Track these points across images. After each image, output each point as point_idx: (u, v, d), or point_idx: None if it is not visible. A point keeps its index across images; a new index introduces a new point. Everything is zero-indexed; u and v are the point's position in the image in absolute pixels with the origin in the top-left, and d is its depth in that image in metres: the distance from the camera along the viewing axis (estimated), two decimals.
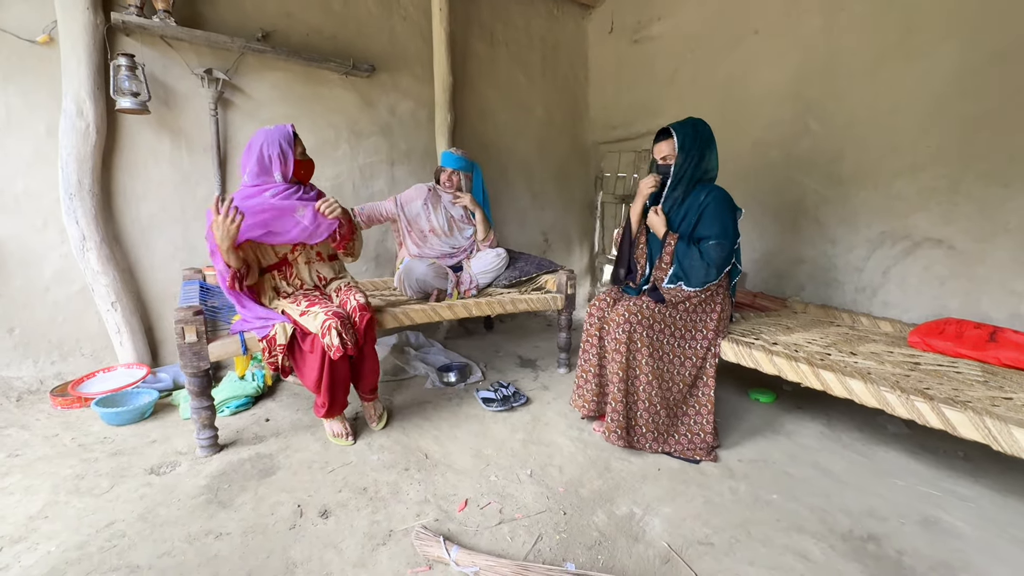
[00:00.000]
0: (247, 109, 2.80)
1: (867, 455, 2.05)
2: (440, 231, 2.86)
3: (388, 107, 3.30)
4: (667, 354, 2.04)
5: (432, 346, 3.21)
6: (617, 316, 2.01)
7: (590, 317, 2.17)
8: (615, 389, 2.00)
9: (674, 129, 2.07)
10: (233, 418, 2.25)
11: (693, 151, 2.05)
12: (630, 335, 1.98)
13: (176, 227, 2.68)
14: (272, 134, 1.98)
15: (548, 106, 4.16)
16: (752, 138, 3.19)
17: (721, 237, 2.02)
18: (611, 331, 2.02)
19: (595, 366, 2.13)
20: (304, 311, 1.96)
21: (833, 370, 1.81)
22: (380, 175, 3.33)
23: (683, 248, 2.06)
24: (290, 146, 1.99)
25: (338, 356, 1.88)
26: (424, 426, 2.23)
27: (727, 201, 2.09)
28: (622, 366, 1.98)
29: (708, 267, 2.01)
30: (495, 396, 2.44)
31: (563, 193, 4.38)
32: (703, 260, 2.01)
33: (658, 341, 2.02)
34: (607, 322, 2.05)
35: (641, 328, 1.99)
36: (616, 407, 2.00)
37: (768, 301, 2.93)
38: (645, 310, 2.02)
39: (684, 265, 2.04)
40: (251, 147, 1.97)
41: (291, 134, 2.00)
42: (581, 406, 2.19)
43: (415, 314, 2.33)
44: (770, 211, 3.16)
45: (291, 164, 1.99)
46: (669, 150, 2.09)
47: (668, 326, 2.04)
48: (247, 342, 1.93)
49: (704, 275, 2.02)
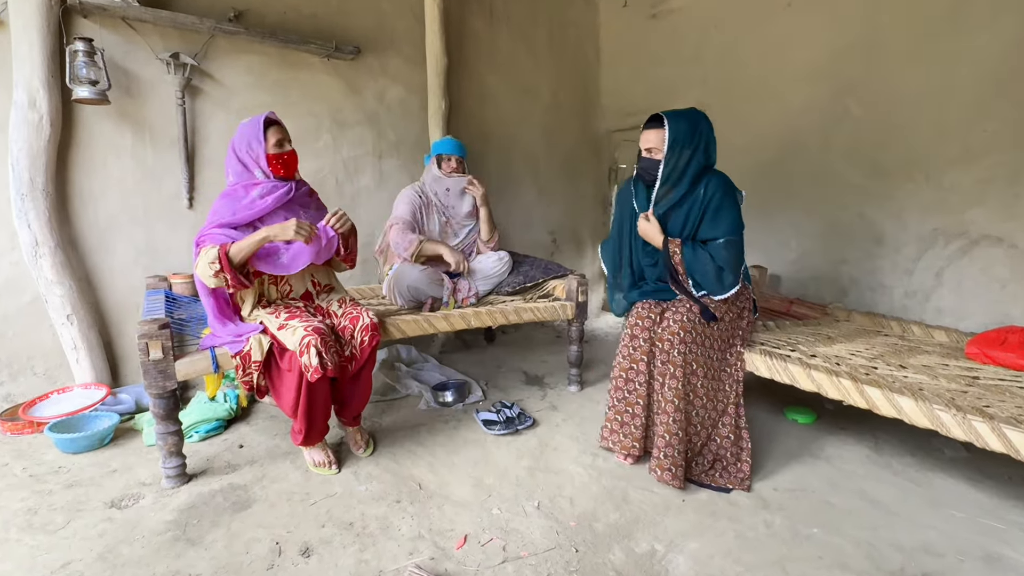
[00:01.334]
0: (218, 97, 2.84)
1: (920, 482, 2.05)
2: (437, 235, 2.88)
3: (375, 93, 3.34)
4: (713, 371, 2.04)
5: (426, 362, 3.22)
6: (670, 335, 1.96)
7: (633, 338, 2.07)
8: (670, 420, 1.94)
9: (667, 118, 1.97)
10: (203, 444, 2.26)
11: (686, 149, 1.97)
12: (686, 356, 1.95)
13: (139, 230, 2.71)
14: (244, 131, 2.03)
15: (555, 90, 4.18)
16: (785, 124, 3.20)
17: (731, 234, 1.99)
18: (662, 350, 1.98)
19: (643, 397, 2.03)
20: (283, 324, 1.98)
21: (880, 386, 1.81)
22: (366, 169, 3.35)
23: (690, 255, 2.03)
24: (260, 142, 2.02)
25: (316, 378, 1.89)
26: (417, 452, 2.23)
27: (729, 189, 2.03)
28: (678, 393, 1.94)
29: (721, 271, 1.99)
30: (497, 418, 2.45)
31: (573, 188, 4.41)
32: (714, 264, 1.99)
33: (707, 358, 2.01)
34: (660, 340, 1.99)
35: (695, 345, 1.98)
36: (671, 441, 1.95)
37: (806, 308, 2.94)
38: (699, 324, 1.99)
39: (697, 274, 2.03)
40: (230, 150, 2.05)
41: (261, 127, 2.03)
42: (629, 447, 2.06)
43: (406, 326, 2.34)
44: (807, 206, 3.17)
45: (263, 159, 2.04)
46: (657, 142, 2.01)
47: (708, 338, 2.03)
48: (218, 359, 1.95)
49: (719, 281, 2.01)
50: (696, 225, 2.06)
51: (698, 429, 2.01)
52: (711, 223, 2.02)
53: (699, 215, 2.05)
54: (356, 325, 2.07)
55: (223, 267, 1.89)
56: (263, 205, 2.02)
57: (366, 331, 2.07)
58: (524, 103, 4.03)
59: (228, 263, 1.90)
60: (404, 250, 2.67)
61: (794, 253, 3.26)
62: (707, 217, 2.03)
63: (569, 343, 2.88)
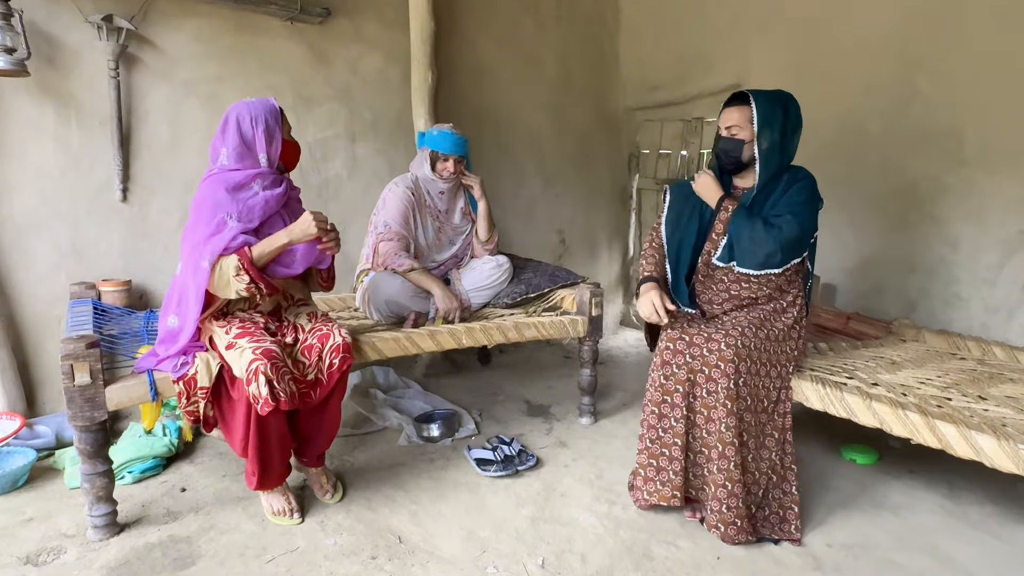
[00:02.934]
0: (159, 68, 2.87)
1: (1003, 537, 2.07)
2: (428, 247, 2.91)
3: (348, 63, 3.38)
4: (762, 402, 2.06)
5: (407, 388, 3.24)
6: (721, 360, 1.97)
7: (666, 364, 2.07)
8: (730, 465, 1.95)
9: (753, 97, 2.11)
10: (138, 487, 2.27)
11: (775, 131, 2.10)
12: (739, 387, 1.98)
13: (62, 227, 2.73)
14: (256, 107, 2.10)
15: (565, 60, 4.22)
16: (842, 105, 3.24)
17: (803, 217, 2.08)
18: (708, 378, 1.99)
19: (680, 435, 2.04)
20: (231, 342, 1.99)
21: (955, 421, 1.83)
22: (337, 154, 3.39)
23: (743, 215, 2.12)
24: (278, 123, 2.12)
25: (267, 411, 1.89)
26: (397, 498, 2.24)
27: (814, 191, 2.17)
28: (732, 427, 1.96)
29: (773, 244, 2.05)
30: (494, 456, 2.47)
31: (585, 177, 4.44)
32: (767, 234, 2.06)
33: (754, 384, 2.04)
34: (705, 364, 2.01)
35: (749, 375, 2.01)
36: (734, 489, 1.95)
37: (866, 325, 2.96)
38: (753, 346, 2.03)
39: (742, 234, 2.09)
40: (227, 123, 2.09)
41: (277, 108, 2.14)
42: (669, 497, 2.05)
43: (384, 345, 2.36)
44: (868, 203, 3.20)
45: (279, 144, 2.13)
46: (741, 120, 2.14)
47: (761, 363, 2.07)
48: (158, 384, 1.96)
49: (766, 253, 2.06)
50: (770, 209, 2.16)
51: (757, 476, 2.03)
52: (784, 205, 2.13)
53: (777, 200, 2.16)
54: (325, 344, 2.09)
55: (252, 276, 1.95)
56: (269, 199, 2.09)
57: (336, 352, 2.09)
58: (527, 76, 4.06)
59: (258, 271, 1.96)
60: (393, 263, 2.70)
61: (853, 259, 3.28)
62: (781, 204, 2.14)
63: (580, 366, 2.90)
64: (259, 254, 1.98)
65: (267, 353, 1.91)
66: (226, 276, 1.94)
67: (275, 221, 2.12)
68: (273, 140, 2.12)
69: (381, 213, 2.82)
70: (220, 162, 2.10)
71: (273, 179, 2.14)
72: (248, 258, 1.95)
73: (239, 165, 2.09)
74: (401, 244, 2.75)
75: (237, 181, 2.06)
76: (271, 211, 2.11)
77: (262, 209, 2.08)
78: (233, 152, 2.08)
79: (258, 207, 2.07)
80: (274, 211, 2.12)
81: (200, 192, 2.07)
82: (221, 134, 2.10)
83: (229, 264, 1.93)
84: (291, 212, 2.21)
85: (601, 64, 4.42)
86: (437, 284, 2.71)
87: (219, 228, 1.98)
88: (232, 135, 2.08)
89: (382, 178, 3.33)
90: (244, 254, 1.95)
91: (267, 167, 2.12)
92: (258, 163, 2.11)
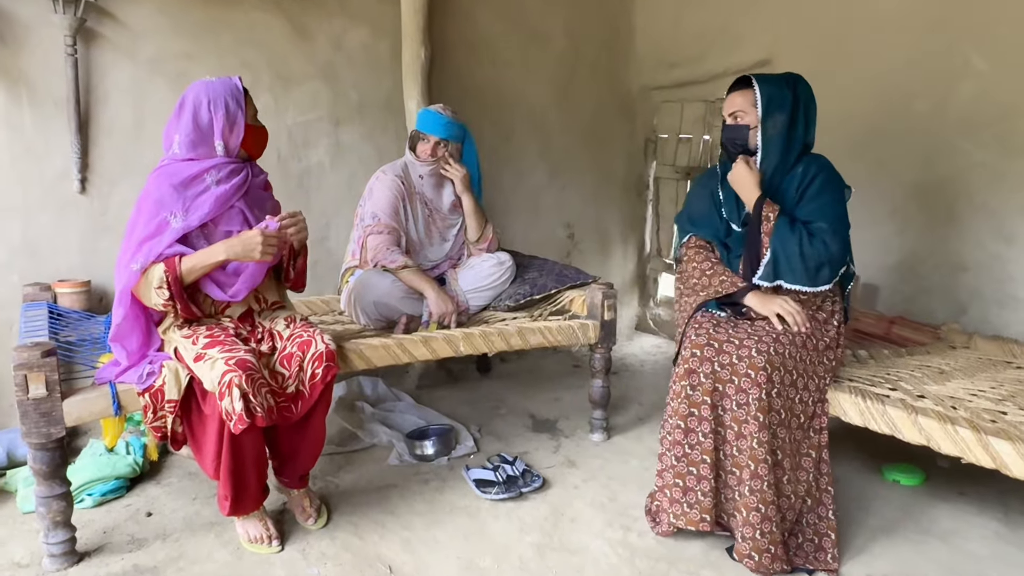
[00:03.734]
0: (121, 44, 2.87)
1: None
2: (420, 241, 2.91)
3: (331, 38, 3.37)
4: (796, 415, 2.06)
5: (398, 401, 3.24)
6: (751, 369, 1.97)
7: (691, 373, 2.06)
8: (763, 485, 1.95)
9: (756, 79, 2.17)
10: (99, 511, 2.27)
11: (781, 113, 2.16)
12: (772, 398, 1.98)
13: (13, 222, 2.73)
14: (216, 88, 2.09)
15: (573, 34, 4.21)
16: (883, 85, 3.23)
17: (838, 223, 2.13)
18: (738, 388, 1.99)
19: (710, 452, 2.03)
20: (200, 353, 1.98)
21: (1011, 438, 1.82)
22: (319, 140, 3.38)
23: (785, 227, 2.13)
24: (240, 106, 2.11)
25: (242, 429, 1.88)
26: (387, 523, 2.24)
27: (834, 176, 2.21)
28: (767, 447, 1.95)
29: (820, 259, 2.09)
30: (495, 477, 2.46)
31: (596, 165, 4.43)
32: (813, 247, 2.09)
33: (788, 396, 2.04)
34: (735, 373, 2.01)
35: (783, 386, 2.01)
36: (768, 512, 1.94)
37: (911, 330, 2.96)
38: (788, 352, 2.04)
39: (788, 251, 2.11)
40: (183, 106, 2.08)
41: (241, 89, 2.13)
42: (697, 521, 2.03)
43: (373, 352, 2.36)
44: (913, 193, 3.19)
45: (240, 131, 2.12)
46: (744, 104, 2.21)
47: (796, 372, 2.07)
48: (120, 397, 1.96)
49: (815, 269, 2.10)
50: (792, 207, 2.20)
51: (792, 500, 2.03)
52: (809, 207, 2.16)
53: (796, 198, 2.20)
54: (306, 352, 2.09)
55: (173, 294, 1.95)
56: (220, 196, 2.07)
57: (319, 361, 2.08)
58: (531, 52, 4.06)
59: (180, 288, 1.96)
60: (383, 259, 2.70)
61: (895, 256, 3.27)
62: (805, 201, 2.18)
63: (592, 376, 2.90)
64: (189, 268, 1.97)
65: (241, 364, 1.90)
66: (150, 285, 1.95)
67: (232, 216, 2.11)
68: (234, 126, 2.11)
69: (368, 204, 2.82)
70: (172, 150, 2.09)
71: (230, 170, 2.12)
72: (175, 272, 1.95)
73: (192, 154, 2.08)
74: (392, 238, 2.75)
75: (187, 175, 2.05)
76: (223, 207, 2.09)
77: (212, 206, 2.06)
78: (186, 139, 2.07)
79: (207, 204, 2.05)
80: (229, 206, 2.10)
81: (147, 186, 2.07)
82: (176, 118, 2.09)
83: (155, 274, 1.94)
84: (255, 202, 2.20)
85: (614, 39, 4.41)
86: (431, 285, 2.71)
87: (159, 230, 1.99)
88: (186, 120, 2.07)
89: (369, 166, 3.33)
90: (172, 266, 1.94)
91: (224, 156, 2.11)
92: (213, 152, 2.10)
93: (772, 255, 2.14)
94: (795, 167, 2.22)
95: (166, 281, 1.94)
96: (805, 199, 2.18)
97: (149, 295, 1.97)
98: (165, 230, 1.98)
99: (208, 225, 2.08)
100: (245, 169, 2.17)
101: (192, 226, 2.03)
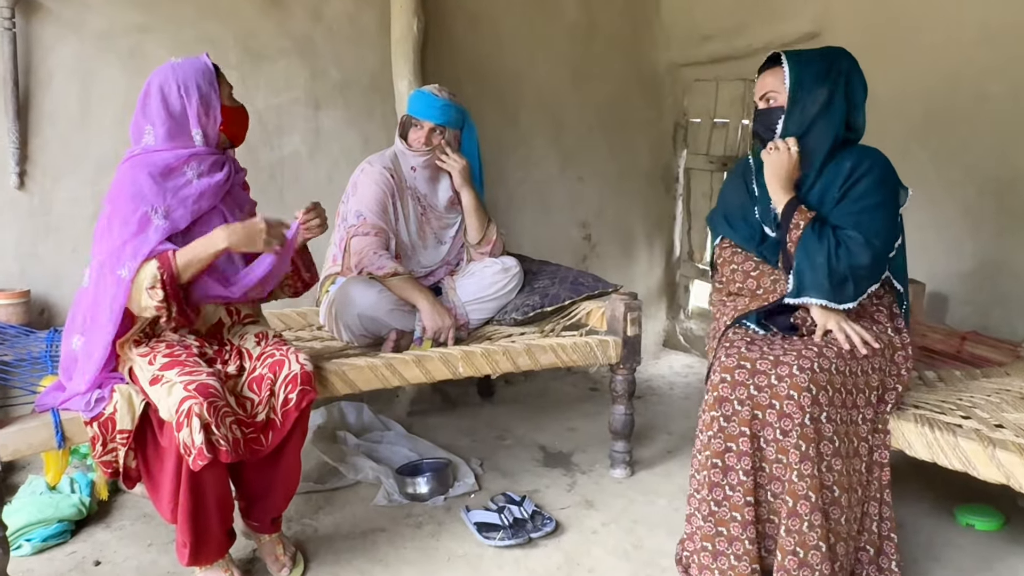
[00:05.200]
0: (66, 17, 2.90)
1: None
2: (412, 244, 2.94)
3: (308, 7, 3.40)
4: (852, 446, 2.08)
5: (387, 430, 3.25)
6: (794, 389, 1.97)
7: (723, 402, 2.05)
8: (802, 525, 1.94)
9: (787, 56, 2.22)
10: (39, 559, 2.28)
11: (818, 89, 2.19)
12: (819, 424, 1.98)
13: None
14: (184, 71, 2.12)
15: (589, 4, 4.23)
16: (952, 60, 3.24)
17: (875, 235, 2.12)
18: (781, 413, 1.99)
19: (751, 491, 2.02)
20: (157, 375, 1.99)
21: None
22: (295, 126, 3.42)
23: (811, 237, 2.14)
24: (214, 87, 2.15)
25: (201, 465, 1.87)
26: (373, 574, 2.26)
27: (889, 176, 2.21)
28: (814, 483, 1.94)
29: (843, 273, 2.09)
30: (499, 520, 2.47)
31: (617, 154, 4.44)
32: (838, 260, 2.10)
33: (840, 420, 2.05)
34: (775, 396, 2.01)
35: (832, 408, 2.02)
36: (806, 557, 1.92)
37: (987, 348, 2.95)
38: (835, 369, 2.04)
39: (814, 262, 2.12)
40: (148, 95, 2.11)
41: (212, 68, 2.17)
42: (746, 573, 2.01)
43: (356, 374, 2.38)
44: (987, 189, 3.19)
45: (217, 115, 2.16)
46: (775, 84, 2.26)
47: (846, 392, 2.08)
48: (64, 427, 1.97)
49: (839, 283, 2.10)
50: (831, 208, 2.21)
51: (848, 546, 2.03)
52: (849, 209, 2.17)
53: (837, 196, 2.20)
54: (279, 374, 2.10)
55: (168, 294, 1.94)
56: (206, 190, 2.11)
57: (293, 384, 2.08)
58: (539, 24, 4.07)
59: (176, 287, 1.96)
60: (369, 265, 2.72)
61: (968, 262, 3.28)
62: (846, 200, 2.18)
63: (612, 401, 2.90)
64: (186, 262, 1.97)
65: (202, 389, 1.90)
66: (140, 287, 1.94)
67: (211, 217, 2.14)
68: (210, 110, 2.15)
69: (352, 201, 2.85)
70: (145, 142, 2.11)
71: (212, 161, 2.17)
72: (170, 268, 1.94)
73: (169, 145, 2.11)
74: (380, 240, 2.76)
75: (166, 164, 2.07)
76: (208, 205, 2.14)
77: (197, 202, 2.09)
78: (161, 130, 2.10)
79: (191, 199, 2.08)
80: (212, 205, 2.15)
81: (117, 178, 2.08)
82: (142, 110, 2.12)
83: (146, 272, 1.94)
84: (235, 202, 2.24)
85: (637, 6, 4.42)
86: (424, 295, 2.73)
87: (143, 226, 1.99)
88: (156, 110, 2.09)
89: (353, 156, 3.37)
90: (166, 261, 1.94)
91: (203, 146, 2.15)
92: (191, 142, 2.14)
93: (796, 268, 2.16)
94: (843, 159, 2.22)
95: (160, 280, 1.92)
96: (847, 199, 2.18)
97: (139, 299, 1.95)
98: (148, 226, 1.99)
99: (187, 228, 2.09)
100: (227, 162, 2.21)
101: (179, 226, 2.04)
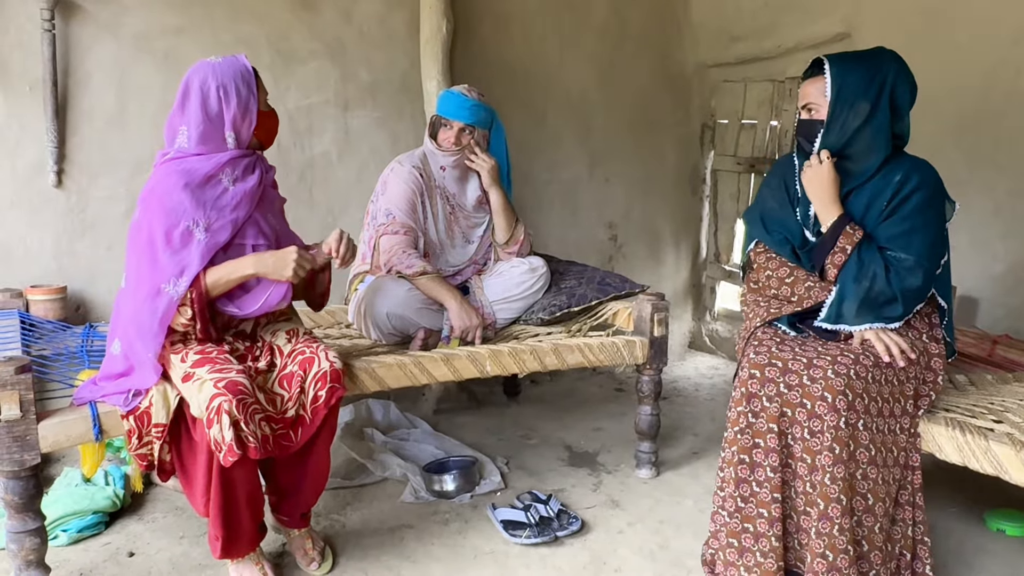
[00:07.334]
0: (104, 19, 2.93)
1: None
2: (441, 243, 2.95)
3: (339, 10, 3.41)
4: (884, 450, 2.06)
5: (414, 428, 3.26)
6: (828, 391, 1.95)
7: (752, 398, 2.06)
8: (832, 528, 1.94)
9: (829, 61, 2.14)
10: (75, 550, 2.31)
11: (861, 102, 2.12)
12: (853, 427, 1.97)
13: None
14: (224, 71, 2.10)
15: (617, 2, 4.22)
16: (988, 58, 3.20)
17: (924, 257, 2.09)
18: (811, 414, 1.98)
19: (778, 489, 2.02)
20: (188, 372, 2.01)
21: None
22: (326, 128, 3.43)
23: (855, 265, 2.12)
24: (252, 91, 2.13)
25: (232, 461, 1.88)
26: (401, 569, 2.26)
27: (939, 191, 2.16)
28: (840, 479, 1.94)
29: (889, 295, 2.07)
30: (525, 518, 2.47)
31: (644, 155, 4.43)
32: (888, 284, 2.07)
33: (877, 428, 2.03)
34: (806, 395, 1.99)
35: (866, 414, 2.00)
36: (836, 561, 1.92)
37: (1019, 352, 2.91)
38: (862, 367, 2.02)
39: (857, 292, 2.09)
40: (187, 93, 2.10)
41: (251, 70, 2.15)
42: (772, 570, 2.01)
43: (385, 372, 2.38)
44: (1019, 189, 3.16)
45: (253, 119, 2.15)
46: (817, 95, 2.19)
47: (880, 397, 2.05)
48: (102, 420, 1.99)
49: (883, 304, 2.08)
50: (877, 221, 2.17)
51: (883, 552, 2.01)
52: (898, 229, 2.13)
53: (884, 212, 2.16)
54: (308, 372, 2.12)
55: (195, 311, 1.98)
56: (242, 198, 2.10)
57: (322, 381, 2.09)
58: (568, 24, 4.07)
59: (204, 305, 1.99)
60: (398, 264, 2.73)
61: (1000, 264, 3.24)
62: (895, 217, 2.14)
63: (639, 401, 2.90)
64: (214, 282, 2.00)
65: (232, 387, 1.91)
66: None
67: (247, 226, 2.15)
68: (247, 115, 2.13)
69: (381, 200, 2.85)
70: (179, 144, 2.11)
71: (245, 165, 2.15)
72: (200, 288, 1.97)
73: (202, 148, 2.10)
74: (409, 239, 2.77)
75: (204, 173, 2.07)
76: (245, 214, 2.13)
77: (235, 211, 2.09)
78: (195, 132, 2.08)
79: (229, 208, 2.08)
80: (248, 214, 2.14)
81: (152, 183, 2.08)
82: (180, 109, 2.10)
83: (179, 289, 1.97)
84: (268, 205, 2.24)
85: (665, 7, 4.41)
86: (453, 295, 2.74)
87: (185, 242, 2.00)
88: (194, 111, 2.08)
89: (382, 156, 3.38)
90: (197, 281, 1.97)
91: (235, 148, 2.14)
92: (224, 144, 2.12)
93: (838, 295, 2.13)
94: (891, 171, 2.17)
95: (190, 298, 1.96)
96: (895, 217, 2.14)
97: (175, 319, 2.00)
98: (191, 241, 2.00)
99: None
100: (258, 164, 2.20)
101: (220, 240, 2.05)
